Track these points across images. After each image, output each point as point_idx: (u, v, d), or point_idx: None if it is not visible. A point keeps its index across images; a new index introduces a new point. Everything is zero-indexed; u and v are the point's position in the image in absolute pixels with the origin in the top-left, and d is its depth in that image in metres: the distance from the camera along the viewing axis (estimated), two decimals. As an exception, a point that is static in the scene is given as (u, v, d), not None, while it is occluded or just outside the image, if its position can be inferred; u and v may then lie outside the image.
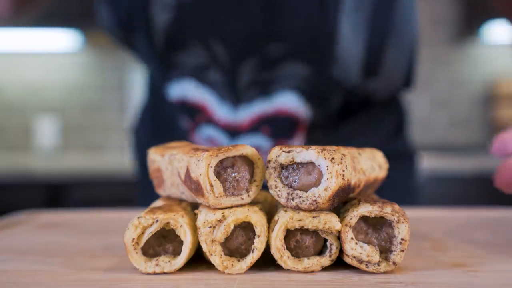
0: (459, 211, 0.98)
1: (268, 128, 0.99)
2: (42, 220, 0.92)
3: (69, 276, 0.57)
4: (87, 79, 3.54)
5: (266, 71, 0.96)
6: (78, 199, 2.82)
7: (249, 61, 0.96)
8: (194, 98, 1.00)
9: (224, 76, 0.98)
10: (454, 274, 0.56)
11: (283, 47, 0.94)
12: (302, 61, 0.95)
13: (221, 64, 0.97)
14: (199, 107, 1.00)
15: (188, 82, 1.00)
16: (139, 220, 0.57)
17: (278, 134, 0.99)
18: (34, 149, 3.51)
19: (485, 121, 3.52)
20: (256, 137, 1.00)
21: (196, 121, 1.02)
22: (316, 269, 0.57)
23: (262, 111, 0.98)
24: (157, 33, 0.96)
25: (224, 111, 1.00)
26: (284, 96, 0.97)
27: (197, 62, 0.98)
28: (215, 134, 1.01)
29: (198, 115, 1.01)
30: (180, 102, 1.02)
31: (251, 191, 0.58)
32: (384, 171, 0.68)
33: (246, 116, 0.99)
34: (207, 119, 1.01)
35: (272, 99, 0.98)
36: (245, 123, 0.99)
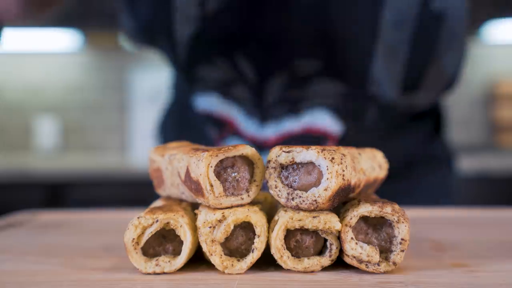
0: (459, 211, 0.98)
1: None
2: (42, 220, 0.92)
3: (69, 276, 0.57)
4: (87, 79, 3.54)
5: (295, 88, 0.92)
6: (78, 199, 2.82)
7: (277, 78, 0.92)
8: (220, 112, 0.97)
9: (250, 93, 0.94)
10: (454, 274, 0.56)
11: (314, 63, 0.90)
12: (334, 79, 0.90)
13: (247, 80, 0.93)
14: (225, 121, 0.98)
15: (213, 95, 0.96)
16: (139, 220, 0.57)
17: None
18: (34, 149, 3.51)
19: (485, 121, 3.52)
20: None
21: (222, 133, 0.99)
22: (316, 269, 0.57)
23: (291, 128, 0.95)
24: (179, 46, 0.92)
25: (251, 126, 0.96)
26: (315, 114, 0.93)
27: (222, 77, 0.94)
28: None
29: (224, 128, 0.99)
30: (206, 114, 0.99)
31: (251, 191, 0.58)
32: (384, 171, 0.68)
33: (273, 132, 0.95)
34: (234, 132, 0.98)
35: (302, 117, 0.94)
36: (272, 139, 0.96)
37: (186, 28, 0.90)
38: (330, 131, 0.94)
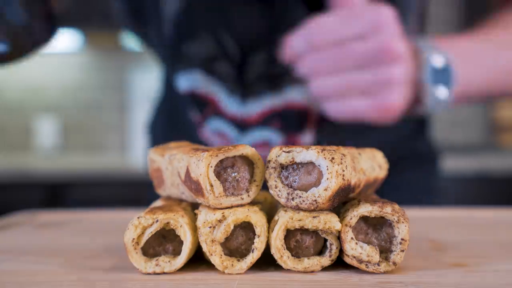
0: (459, 211, 0.98)
1: (278, 122, 0.99)
2: (42, 220, 0.92)
3: (69, 276, 0.57)
4: (87, 79, 3.54)
5: (276, 65, 0.96)
6: (78, 199, 2.82)
7: (258, 55, 0.95)
8: (203, 90, 1.00)
9: (233, 69, 0.97)
10: (454, 274, 0.56)
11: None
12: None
13: (230, 56, 0.96)
14: (208, 99, 1.00)
15: (196, 73, 0.99)
16: (139, 220, 0.57)
17: (288, 128, 0.99)
18: (34, 149, 3.52)
19: (485, 121, 3.53)
20: (265, 130, 0.99)
21: (204, 113, 1.02)
22: (316, 269, 0.57)
23: (272, 104, 0.98)
24: (166, 23, 0.96)
25: (232, 104, 0.99)
26: (295, 91, 0.97)
27: (206, 53, 0.97)
28: (224, 127, 1.01)
29: (206, 108, 1.01)
30: (189, 93, 1.02)
31: (251, 191, 0.58)
32: (384, 171, 0.68)
33: (255, 109, 0.98)
34: (216, 111, 1.00)
35: (282, 93, 0.97)
36: (254, 117, 0.99)
37: (173, 5, 0.95)
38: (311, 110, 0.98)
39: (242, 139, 1.01)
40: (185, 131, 1.04)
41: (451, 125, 3.54)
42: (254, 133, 1.00)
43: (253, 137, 1.00)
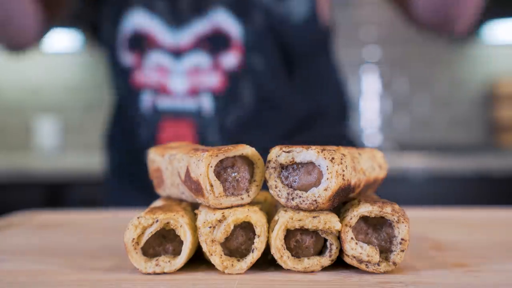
0: (459, 211, 0.98)
1: (206, 45, 1.15)
2: (42, 220, 0.92)
3: (69, 276, 0.57)
4: (87, 79, 3.54)
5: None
6: (78, 199, 2.81)
7: None
8: (144, 26, 1.16)
9: (168, 3, 1.16)
10: (454, 274, 0.56)
11: None
12: None
13: None
14: (149, 35, 1.17)
15: (138, 12, 1.17)
16: (139, 220, 0.57)
17: (214, 50, 1.15)
18: (34, 149, 3.51)
19: (485, 121, 3.52)
20: (197, 55, 1.15)
21: (145, 50, 1.17)
22: (316, 269, 0.57)
23: (200, 30, 1.15)
24: None
25: (169, 35, 1.16)
26: (217, 14, 1.14)
27: None
28: (162, 58, 1.16)
29: (147, 44, 1.17)
30: (131, 35, 1.18)
31: (251, 191, 0.58)
32: (384, 171, 0.68)
33: (187, 36, 1.15)
34: (155, 45, 1.16)
35: (208, 18, 1.14)
36: (187, 44, 1.15)
37: None
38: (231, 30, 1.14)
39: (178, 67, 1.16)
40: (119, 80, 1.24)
41: (451, 125, 3.54)
42: (187, 58, 1.16)
43: (187, 63, 1.16)
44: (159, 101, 1.16)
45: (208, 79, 1.15)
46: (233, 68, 1.15)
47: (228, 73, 1.14)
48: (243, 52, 1.15)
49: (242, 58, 1.15)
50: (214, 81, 1.15)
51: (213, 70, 1.15)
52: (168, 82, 1.16)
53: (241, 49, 1.15)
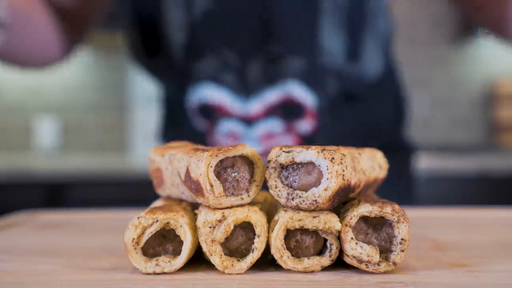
0: (459, 211, 0.98)
1: (279, 113, 1.15)
2: (42, 220, 0.92)
3: (69, 276, 0.57)
4: (87, 79, 3.54)
5: (270, 66, 1.14)
6: (78, 199, 2.82)
7: (255, 60, 1.14)
8: (212, 99, 1.16)
9: (236, 75, 1.15)
10: (454, 274, 0.56)
11: (282, 45, 1.13)
12: (298, 55, 1.13)
13: (232, 66, 1.15)
14: (218, 106, 1.17)
15: (205, 86, 1.17)
16: (139, 220, 0.57)
17: (288, 117, 1.15)
18: (34, 149, 3.51)
19: (485, 121, 3.53)
20: (270, 121, 1.15)
21: (215, 118, 1.18)
22: (316, 269, 0.57)
23: (271, 99, 1.15)
24: (175, 51, 1.15)
25: (239, 105, 1.16)
26: (288, 85, 1.14)
27: (212, 68, 1.15)
28: (234, 126, 1.16)
29: (217, 113, 1.17)
30: (200, 105, 1.18)
31: (251, 191, 0.58)
32: (384, 171, 0.68)
33: (258, 105, 1.15)
34: (225, 114, 1.16)
35: (279, 88, 1.14)
36: (258, 112, 1.15)
37: (178, 35, 1.15)
38: (305, 101, 1.14)
39: (251, 133, 1.16)
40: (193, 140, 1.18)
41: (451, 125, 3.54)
42: (259, 125, 1.16)
43: (259, 130, 1.16)
44: None
45: (282, 141, 1.16)
46: (308, 133, 1.16)
47: (302, 136, 1.16)
48: (316, 118, 1.15)
49: (316, 123, 1.16)
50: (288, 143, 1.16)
51: (287, 134, 1.16)
52: None
53: (315, 116, 1.15)
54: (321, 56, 1.13)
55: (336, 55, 1.14)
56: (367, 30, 1.16)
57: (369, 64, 1.18)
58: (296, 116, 1.15)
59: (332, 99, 1.17)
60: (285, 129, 1.16)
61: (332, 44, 1.13)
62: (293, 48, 1.14)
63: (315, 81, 1.15)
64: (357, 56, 1.16)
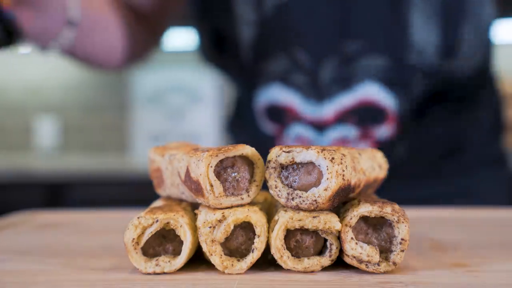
0: (459, 211, 0.98)
1: (354, 119, 1.05)
2: (42, 220, 0.92)
3: (69, 276, 0.57)
4: (87, 79, 3.54)
5: (346, 66, 1.03)
6: (78, 199, 2.82)
7: (329, 60, 1.03)
8: (282, 100, 1.08)
9: (307, 77, 1.06)
10: (454, 274, 0.56)
11: (361, 43, 1.02)
12: (379, 53, 1.02)
13: (303, 67, 1.05)
14: (287, 108, 1.08)
15: (274, 87, 1.09)
16: (139, 220, 0.57)
17: (364, 123, 1.05)
18: (34, 149, 3.51)
19: (485, 121, 3.53)
20: (343, 128, 1.06)
21: (284, 122, 1.10)
22: (316, 269, 0.57)
23: (346, 103, 1.04)
24: (244, 48, 1.08)
25: (309, 108, 1.07)
26: (366, 87, 1.03)
27: (281, 68, 1.07)
28: (304, 131, 1.08)
29: (286, 116, 1.09)
30: (268, 107, 1.11)
31: (251, 191, 0.58)
32: (384, 171, 0.68)
33: (331, 110, 1.05)
34: (295, 118, 1.08)
35: (354, 91, 1.04)
36: (330, 117, 1.05)
37: (248, 32, 1.06)
38: (385, 105, 1.03)
39: (322, 139, 1.07)
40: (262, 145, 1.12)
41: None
42: (331, 132, 1.07)
43: (331, 136, 1.06)
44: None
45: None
46: (388, 138, 1.06)
47: (381, 142, 1.06)
48: (398, 123, 1.04)
49: (397, 127, 1.05)
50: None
51: (362, 140, 1.06)
52: None
53: (397, 120, 1.04)
54: (409, 53, 1.01)
55: (428, 52, 1.01)
56: (466, 22, 1.02)
57: (465, 59, 1.04)
58: (374, 121, 1.04)
59: (417, 100, 1.05)
60: (360, 135, 1.06)
61: (422, 40, 1.00)
62: (374, 47, 1.02)
63: (399, 82, 1.03)
64: (452, 52, 1.02)
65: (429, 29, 1.00)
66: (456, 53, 1.02)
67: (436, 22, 1.00)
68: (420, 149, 1.11)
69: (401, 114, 1.04)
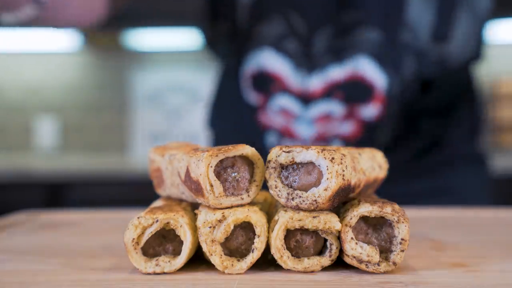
0: (459, 211, 0.98)
1: (341, 94, 1.03)
2: (42, 220, 0.92)
3: (69, 276, 0.57)
4: (87, 79, 3.54)
5: (341, 37, 1.03)
6: (78, 199, 2.82)
7: (324, 29, 1.03)
8: (271, 67, 1.07)
9: (300, 45, 1.05)
10: (454, 274, 0.56)
11: (358, 14, 1.02)
12: (373, 26, 1.01)
13: (298, 33, 1.04)
14: (275, 76, 1.07)
15: (266, 52, 1.07)
16: (139, 220, 0.57)
17: (352, 99, 1.03)
18: (34, 149, 3.51)
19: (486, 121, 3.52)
20: (329, 103, 1.04)
21: (270, 91, 1.08)
22: (316, 269, 0.57)
23: (336, 76, 1.03)
24: (241, 11, 1.07)
25: (298, 78, 1.05)
26: (358, 61, 1.02)
27: (276, 33, 1.05)
28: (288, 103, 1.06)
29: (272, 85, 1.07)
30: (256, 73, 1.09)
31: (251, 191, 0.58)
32: (384, 171, 0.68)
33: (319, 82, 1.04)
34: (282, 88, 1.07)
35: (346, 64, 1.03)
36: (318, 89, 1.04)
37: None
38: (375, 81, 1.02)
39: (306, 113, 1.05)
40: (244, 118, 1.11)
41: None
42: (317, 106, 1.05)
43: (316, 110, 1.05)
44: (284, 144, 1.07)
45: (340, 127, 1.04)
46: (373, 119, 1.03)
47: (365, 123, 1.04)
48: (385, 104, 1.03)
49: (383, 109, 1.03)
50: (348, 130, 1.04)
51: (347, 119, 1.04)
52: (293, 127, 1.06)
53: (384, 100, 1.02)
54: (402, 31, 1.00)
55: (421, 32, 1.00)
56: (461, 6, 1.02)
57: (457, 47, 1.03)
58: (362, 99, 1.02)
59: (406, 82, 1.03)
60: (346, 113, 1.03)
61: (417, 18, 1.00)
62: (370, 19, 1.01)
63: (390, 59, 1.02)
64: (445, 36, 1.02)
65: (424, 8, 1.00)
66: (449, 38, 1.02)
67: (432, 2, 1.00)
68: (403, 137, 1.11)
69: (389, 95, 1.03)
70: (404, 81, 1.03)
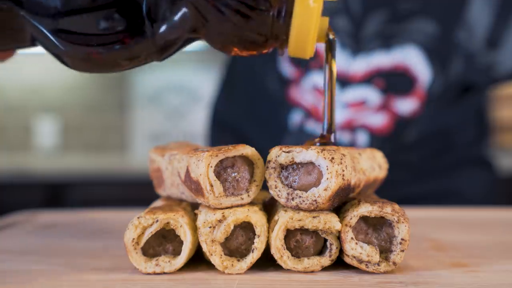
0: (459, 211, 0.98)
1: (382, 82, 0.99)
2: (42, 220, 0.92)
3: (69, 276, 0.57)
4: (87, 79, 3.54)
5: (394, 24, 0.99)
6: (78, 199, 2.82)
7: (379, 13, 0.99)
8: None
9: (351, 23, 1.00)
10: (454, 274, 0.56)
11: (416, 3, 0.97)
12: (430, 18, 0.96)
13: (351, 12, 1.00)
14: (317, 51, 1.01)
15: None
16: (139, 220, 0.57)
17: (391, 89, 0.99)
18: (34, 149, 3.51)
19: (485, 121, 3.52)
20: (366, 89, 1.00)
21: (308, 66, 1.02)
22: (316, 269, 0.57)
23: (380, 63, 0.99)
24: None
25: (341, 58, 1.00)
26: (406, 51, 0.98)
27: (329, 6, 0.99)
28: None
29: (312, 60, 1.02)
30: None
31: (251, 191, 0.58)
32: (384, 171, 0.68)
33: (362, 66, 1.00)
34: (321, 65, 1.01)
35: (393, 52, 0.99)
36: (359, 74, 1.00)
37: None
38: (419, 74, 0.97)
39: (340, 96, 1.00)
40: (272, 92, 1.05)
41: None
42: (354, 90, 1.01)
43: (352, 95, 1.00)
44: (308, 124, 1.03)
45: (371, 118, 1.00)
46: (407, 114, 1.00)
47: (398, 117, 1.00)
48: (423, 100, 0.99)
49: (420, 105, 1.00)
50: (378, 122, 1.00)
51: (381, 110, 1.00)
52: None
53: (424, 97, 0.99)
54: (459, 29, 0.97)
55: (476, 34, 0.97)
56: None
57: (506, 57, 1.00)
58: (402, 90, 0.99)
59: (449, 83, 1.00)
60: (381, 103, 0.99)
61: (476, 19, 0.97)
62: (428, 10, 0.98)
63: (441, 56, 0.98)
64: (496, 44, 0.99)
65: (485, 9, 0.97)
66: (500, 46, 0.99)
67: (491, 7, 0.97)
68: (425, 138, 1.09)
69: (430, 92, 0.99)
70: (448, 81, 1.00)
